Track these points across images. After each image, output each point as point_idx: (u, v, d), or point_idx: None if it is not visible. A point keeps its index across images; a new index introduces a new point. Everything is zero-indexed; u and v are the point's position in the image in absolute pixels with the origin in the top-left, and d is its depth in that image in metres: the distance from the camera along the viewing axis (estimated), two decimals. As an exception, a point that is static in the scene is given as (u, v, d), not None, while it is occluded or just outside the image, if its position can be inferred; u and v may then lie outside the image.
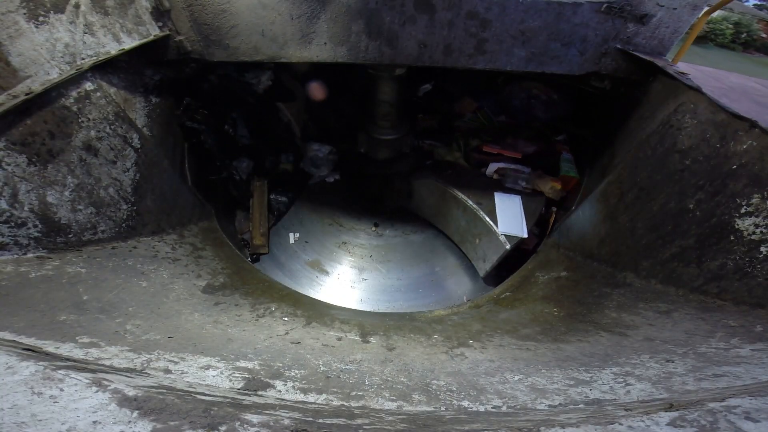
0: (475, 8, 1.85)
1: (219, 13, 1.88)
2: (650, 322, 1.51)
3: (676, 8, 1.80)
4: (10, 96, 1.36)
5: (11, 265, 1.38)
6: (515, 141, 2.99)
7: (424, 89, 3.38)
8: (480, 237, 2.71)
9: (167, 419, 0.69)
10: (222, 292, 1.95)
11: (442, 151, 3.16)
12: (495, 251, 2.60)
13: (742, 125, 1.47)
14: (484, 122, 3.20)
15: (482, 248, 2.74)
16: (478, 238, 2.74)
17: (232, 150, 2.89)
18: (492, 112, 3.22)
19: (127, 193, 1.84)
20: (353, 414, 0.95)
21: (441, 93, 3.38)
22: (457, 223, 2.90)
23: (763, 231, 1.38)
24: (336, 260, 3.23)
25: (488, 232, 2.61)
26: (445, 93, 3.37)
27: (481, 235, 2.70)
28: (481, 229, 2.68)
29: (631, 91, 2.09)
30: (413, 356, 1.56)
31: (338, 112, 3.47)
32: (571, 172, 2.72)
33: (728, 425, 0.72)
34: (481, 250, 2.76)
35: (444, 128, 3.25)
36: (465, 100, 3.31)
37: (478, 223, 2.68)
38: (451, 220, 2.98)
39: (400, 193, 3.32)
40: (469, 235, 2.83)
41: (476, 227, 2.72)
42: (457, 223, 2.91)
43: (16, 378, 0.73)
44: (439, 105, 3.37)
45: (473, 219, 2.71)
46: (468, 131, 3.14)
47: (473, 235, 2.78)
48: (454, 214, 2.90)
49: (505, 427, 0.81)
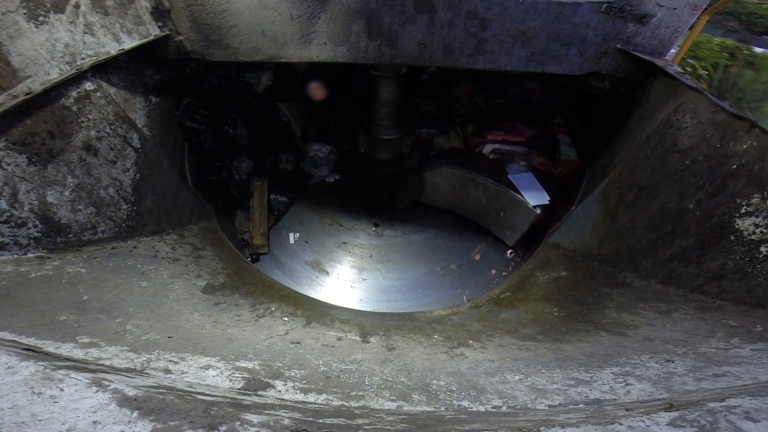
0: (475, 8, 1.85)
1: (219, 13, 1.88)
2: (650, 322, 1.51)
3: (676, 8, 1.80)
4: (10, 96, 1.36)
5: (11, 265, 1.38)
6: (513, 125, 3.07)
7: (422, 77, 3.40)
8: (504, 210, 2.92)
9: (167, 419, 0.69)
10: (222, 292, 1.95)
11: (441, 139, 3.20)
12: (524, 219, 2.81)
13: (742, 125, 1.47)
14: (482, 105, 3.23)
15: (509, 220, 2.95)
16: (502, 212, 2.94)
17: (232, 150, 2.89)
18: (489, 95, 3.27)
19: (127, 193, 1.84)
20: (353, 414, 0.95)
21: (441, 78, 3.40)
22: (477, 202, 3.06)
23: (763, 231, 1.37)
24: (336, 260, 3.23)
25: (513, 204, 2.81)
26: (445, 78, 3.39)
27: (506, 208, 2.90)
28: (505, 203, 2.87)
29: (631, 91, 2.09)
30: (413, 356, 1.56)
31: (338, 112, 3.47)
32: (571, 155, 2.81)
33: (728, 425, 0.72)
34: (508, 221, 2.96)
35: (443, 113, 3.30)
36: (463, 83, 3.33)
37: (501, 198, 2.87)
38: (468, 201, 3.12)
39: (414, 189, 3.34)
40: (491, 210, 3.01)
41: (499, 202, 2.91)
42: (477, 203, 3.07)
43: (16, 378, 0.73)
44: (438, 90, 3.40)
45: (495, 195, 2.89)
46: (466, 116, 3.19)
47: (496, 210, 2.97)
48: (473, 195, 3.04)
49: (505, 427, 0.81)
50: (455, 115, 3.22)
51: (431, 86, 3.41)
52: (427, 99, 3.35)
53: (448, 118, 3.25)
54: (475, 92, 3.29)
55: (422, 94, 3.36)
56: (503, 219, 2.97)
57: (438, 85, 3.40)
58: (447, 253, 3.24)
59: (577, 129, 2.94)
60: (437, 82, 3.40)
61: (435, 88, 3.40)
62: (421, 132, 3.24)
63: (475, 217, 3.19)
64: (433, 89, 3.40)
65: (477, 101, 3.25)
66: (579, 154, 2.83)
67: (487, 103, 3.22)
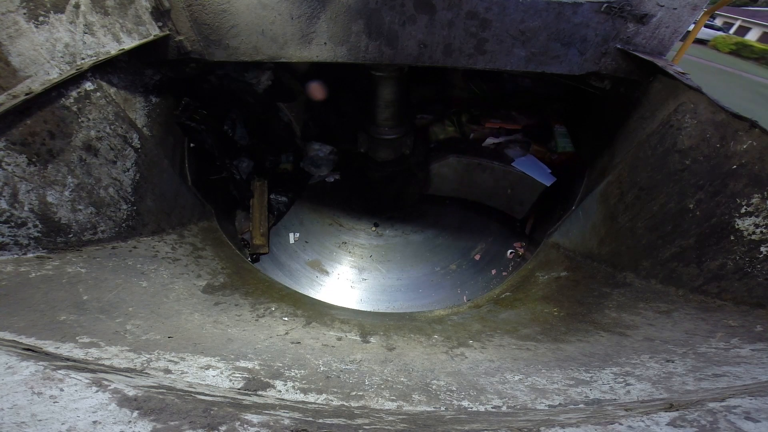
0: (475, 8, 1.85)
1: (219, 13, 1.88)
2: (650, 322, 1.51)
3: (676, 8, 1.80)
4: (10, 96, 1.36)
5: (11, 265, 1.38)
6: (508, 112, 3.13)
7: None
8: (511, 187, 3.06)
9: (167, 419, 0.69)
10: (222, 292, 1.95)
11: (437, 127, 3.23)
12: (532, 192, 2.96)
13: (742, 125, 1.47)
14: (476, 91, 3.25)
15: (516, 196, 3.09)
16: (509, 189, 3.08)
17: (232, 150, 2.89)
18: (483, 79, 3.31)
19: (127, 193, 1.84)
20: (353, 414, 0.95)
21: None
22: (484, 185, 3.19)
23: (763, 231, 1.37)
24: (336, 260, 3.23)
25: (519, 180, 2.95)
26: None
27: (513, 185, 3.03)
28: (511, 180, 3.01)
29: (631, 91, 2.09)
30: (413, 356, 1.56)
31: (339, 112, 3.48)
32: (567, 147, 2.85)
33: (728, 425, 0.72)
34: (516, 197, 3.10)
35: (439, 98, 3.32)
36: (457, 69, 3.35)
37: (508, 176, 3.00)
38: (475, 186, 3.23)
39: (423, 183, 3.37)
40: (498, 189, 3.15)
41: (505, 181, 3.04)
42: (484, 185, 3.19)
43: (16, 378, 0.73)
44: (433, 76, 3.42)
45: (501, 175, 3.02)
46: (460, 103, 3.22)
47: (503, 188, 3.11)
48: (480, 179, 3.15)
49: (505, 427, 0.81)
50: (450, 101, 3.26)
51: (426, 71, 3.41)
52: (423, 84, 3.38)
53: (444, 103, 3.29)
54: (469, 77, 3.32)
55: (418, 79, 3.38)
56: (511, 195, 3.11)
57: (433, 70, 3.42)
58: (447, 253, 3.24)
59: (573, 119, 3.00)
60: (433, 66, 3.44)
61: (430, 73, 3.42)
62: (418, 118, 3.26)
63: (483, 198, 3.30)
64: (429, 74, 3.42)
65: (471, 87, 3.28)
66: (575, 144, 2.88)
67: (481, 89, 3.24)
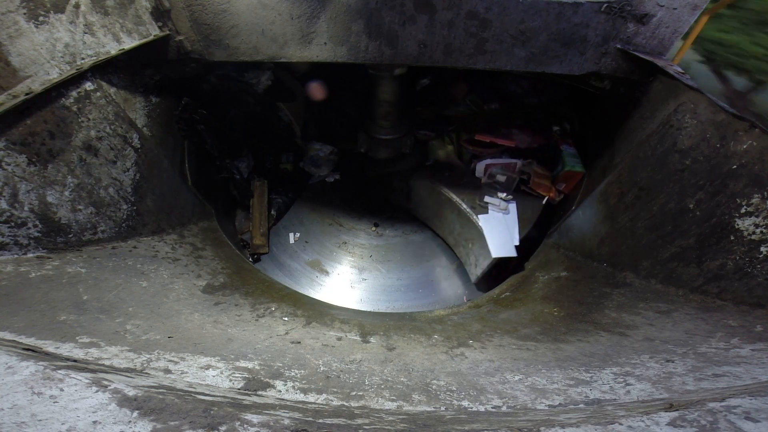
0: (475, 8, 1.85)
1: (219, 13, 1.88)
2: (650, 322, 1.51)
3: (676, 8, 1.80)
4: (10, 96, 1.36)
5: (11, 265, 1.38)
6: (509, 130, 2.88)
7: (422, 84, 3.39)
8: (473, 242, 2.68)
9: (167, 419, 0.69)
10: (222, 292, 1.95)
11: (437, 143, 3.17)
12: (486, 257, 2.57)
13: (742, 125, 1.47)
14: (474, 108, 3.15)
15: (474, 253, 2.71)
16: (471, 243, 2.70)
17: (232, 150, 2.89)
18: (483, 98, 3.19)
19: (127, 193, 1.84)
20: (353, 414, 0.95)
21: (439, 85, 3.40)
22: (452, 226, 2.87)
23: (763, 231, 1.37)
24: (336, 260, 3.23)
25: (480, 237, 2.57)
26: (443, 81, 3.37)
27: (474, 239, 2.66)
28: (474, 233, 2.63)
29: (631, 91, 2.09)
30: (413, 356, 1.56)
31: (339, 112, 3.48)
32: (576, 166, 2.56)
33: (728, 425, 0.72)
34: (473, 255, 2.72)
35: (440, 119, 3.27)
36: (459, 84, 3.29)
37: (471, 227, 2.64)
38: (445, 223, 2.94)
39: (399, 193, 3.33)
40: (462, 239, 2.81)
41: (469, 232, 2.69)
42: (452, 227, 2.88)
43: (16, 378, 0.73)
44: (436, 97, 3.39)
45: (467, 223, 2.67)
46: (460, 120, 3.12)
47: (466, 240, 2.75)
48: (449, 218, 2.86)
49: (505, 427, 0.81)
50: (450, 120, 3.18)
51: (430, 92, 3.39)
52: (426, 106, 3.34)
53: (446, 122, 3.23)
54: (469, 93, 3.23)
55: (421, 102, 3.34)
56: (471, 250, 2.72)
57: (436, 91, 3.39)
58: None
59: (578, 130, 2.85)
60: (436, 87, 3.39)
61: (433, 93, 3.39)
62: (420, 133, 3.24)
63: (450, 241, 2.99)
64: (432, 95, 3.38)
65: (469, 103, 3.21)
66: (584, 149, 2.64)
67: (478, 105, 3.18)
